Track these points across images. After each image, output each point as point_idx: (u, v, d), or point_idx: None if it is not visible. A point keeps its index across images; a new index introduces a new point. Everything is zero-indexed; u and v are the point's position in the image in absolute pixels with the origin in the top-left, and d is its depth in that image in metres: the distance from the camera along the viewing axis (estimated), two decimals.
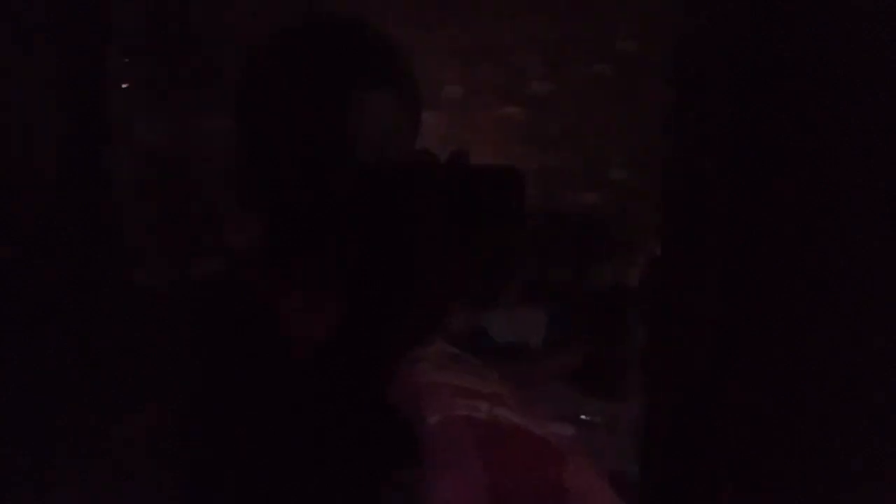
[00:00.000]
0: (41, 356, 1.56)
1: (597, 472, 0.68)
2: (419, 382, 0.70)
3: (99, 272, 1.74)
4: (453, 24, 2.33)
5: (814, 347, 1.27)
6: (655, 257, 1.78)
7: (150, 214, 1.97)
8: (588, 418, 1.77)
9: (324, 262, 0.74)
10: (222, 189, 1.96)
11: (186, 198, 2.02)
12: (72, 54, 1.70)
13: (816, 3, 1.23)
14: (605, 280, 2.26)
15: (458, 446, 0.65)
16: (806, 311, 1.28)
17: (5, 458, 1.49)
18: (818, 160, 1.25)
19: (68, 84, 1.70)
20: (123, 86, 1.93)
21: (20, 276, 1.59)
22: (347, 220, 0.72)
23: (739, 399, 1.34)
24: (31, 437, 1.53)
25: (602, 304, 2.14)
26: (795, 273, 1.28)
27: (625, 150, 2.32)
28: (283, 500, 0.69)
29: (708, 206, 1.38)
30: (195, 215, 2.01)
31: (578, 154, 2.37)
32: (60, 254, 1.67)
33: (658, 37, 2.05)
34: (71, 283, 1.67)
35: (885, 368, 1.23)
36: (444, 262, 0.70)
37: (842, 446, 1.28)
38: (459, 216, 0.70)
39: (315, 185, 0.73)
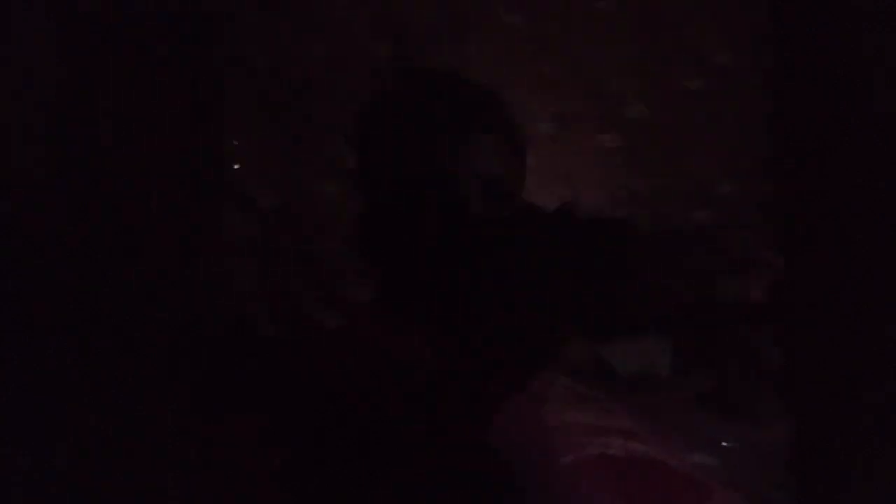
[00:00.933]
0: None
1: (744, 502, 0.65)
2: (548, 423, 0.68)
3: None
4: (540, 58, 2.31)
5: None
6: (777, 270, 1.73)
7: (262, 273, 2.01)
8: (729, 445, 1.71)
9: (435, 305, 0.74)
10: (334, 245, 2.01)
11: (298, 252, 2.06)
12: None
13: None
14: (729, 298, 2.19)
15: (596, 486, 0.63)
16: None
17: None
18: None
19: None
20: (235, 167, 1.99)
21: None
22: (458, 266, 0.72)
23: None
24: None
25: (728, 324, 2.05)
26: None
27: (729, 162, 2.27)
28: None
29: (829, 212, 1.35)
30: (307, 268, 2.04)
31: (682, 172, 2.32)
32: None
33: (749, 47, 2.07)
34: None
35: None
36: (552, 314, 0.70)
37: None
38: (570, 268, 0.70)
39: (428, 233, 0.73)
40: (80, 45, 1.68)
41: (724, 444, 1.68)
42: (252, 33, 2.09)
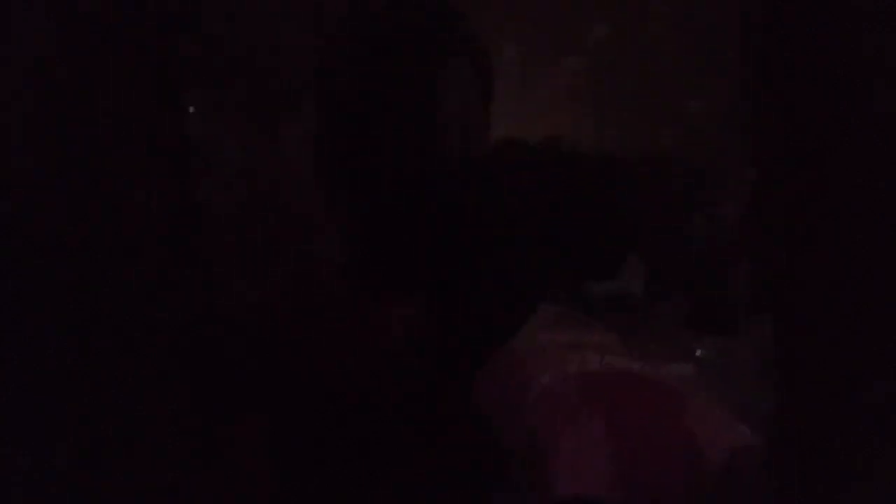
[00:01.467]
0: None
1: (721, 410, 0.66)
2: (524, 346, 0.69)
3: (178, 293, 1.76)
4: None
5: None
6: (751, 187, 1.71)
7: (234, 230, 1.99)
8: (703, 353, 1.72)
9: (413, 259, 0.74)
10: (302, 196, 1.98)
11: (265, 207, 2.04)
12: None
13: None
14: (702, 217, 2.17)
15: (573, 402, 0.63)
16: None
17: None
18: None
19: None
20: (190, 109, 1.97)
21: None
22: (434, 213, 0.72)
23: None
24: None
25: (702, 243, 2.05)
26: None
27: (698, 84, 2.24)
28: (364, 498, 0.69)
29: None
30: (276, 224, 2.03)
31: (649, 94, 2.28)
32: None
33: None
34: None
35: None
36: (538, 253, 0.70)
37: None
38: (557, 208, 0.69)
39: (402, 176, 0.72)
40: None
41: (697, 353, 1.69)
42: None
